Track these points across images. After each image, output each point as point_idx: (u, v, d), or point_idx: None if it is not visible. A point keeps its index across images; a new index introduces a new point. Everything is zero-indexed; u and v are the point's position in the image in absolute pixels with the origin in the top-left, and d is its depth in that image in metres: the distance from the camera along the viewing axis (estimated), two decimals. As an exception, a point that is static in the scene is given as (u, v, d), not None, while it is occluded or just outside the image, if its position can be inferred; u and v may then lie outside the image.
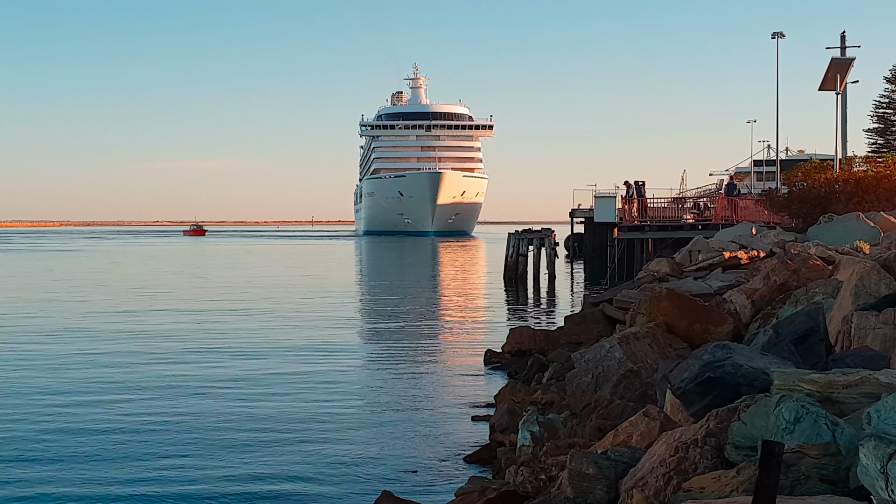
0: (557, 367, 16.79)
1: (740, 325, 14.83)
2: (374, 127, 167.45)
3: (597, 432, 10.47)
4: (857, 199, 31.33)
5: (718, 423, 6.61)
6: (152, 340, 25.03)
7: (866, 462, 5.10)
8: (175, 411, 15.96)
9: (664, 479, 6.41)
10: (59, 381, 18.78)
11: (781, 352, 8.77)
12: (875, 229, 23.33)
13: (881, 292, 11.09)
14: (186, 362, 21.34)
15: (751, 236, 27.86)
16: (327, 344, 24.50)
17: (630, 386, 13.01)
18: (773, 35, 50.28)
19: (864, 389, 6.64)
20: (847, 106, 45.19)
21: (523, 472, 9.19)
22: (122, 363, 21.12)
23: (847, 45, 44.59)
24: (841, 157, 42.20)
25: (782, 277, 16.22)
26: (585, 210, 68.03)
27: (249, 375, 19.57)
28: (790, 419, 6.02)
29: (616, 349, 13.81)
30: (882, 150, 56.72)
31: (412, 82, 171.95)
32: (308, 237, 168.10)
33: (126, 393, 17.60)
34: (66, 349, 23.43)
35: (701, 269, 22.70)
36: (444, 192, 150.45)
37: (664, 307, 14.69)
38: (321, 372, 20.05)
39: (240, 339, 25.51)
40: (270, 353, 22.72)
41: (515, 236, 49.37)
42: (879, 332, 9.56)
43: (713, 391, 7.86)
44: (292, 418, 15.38)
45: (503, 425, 13.13)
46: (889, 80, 58.83)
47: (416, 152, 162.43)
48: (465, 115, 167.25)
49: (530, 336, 21.51)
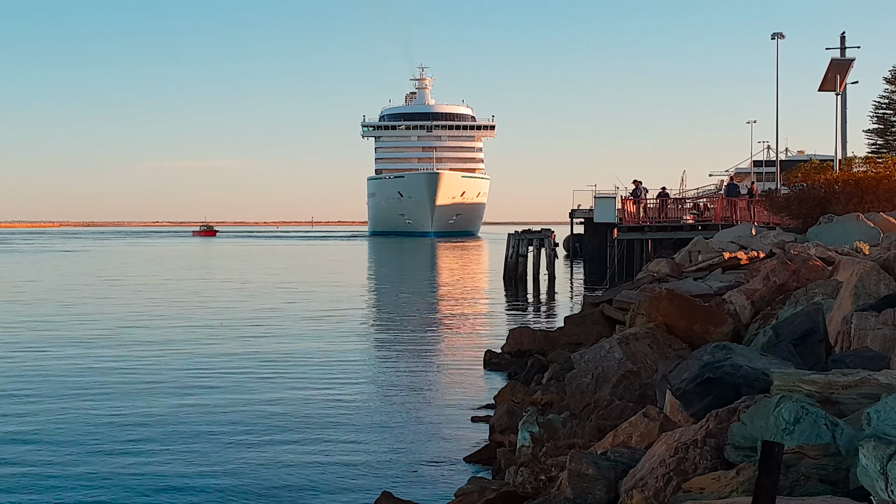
0: (557, 368, 16.79)
1: (740, 326, 14.83)
2: (377, 128, 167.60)
3: (596, 433, 10.47)
4: (857, 200, 31.33)
5: (718, 424, 6.62)
6: (171, 343, 25.08)
7: (866, 463, 5.11)
8: (173, 411, 15.97)
9: (664, 480, 6.41)
10: (106, 381, 18.82)
11: (781, 352, 8.78)
12: (875, 230, 23.34)
13: (881, 293, 11.10)
14: (187, 362, 21.36)
15: (750, 237, 27.86)
16: (327, 344, 24.50)
17: (630, 386, 13.02)
18: (773, 35, 50.30)
19: (863, 390, 6.64)
20: (847, 106, 45.23)
21: (523, 472, 9.19)
22: (133, 360, 21.16)
23: (847, 45, 44.61)
24: (841, 158, 42.21)
25: (782, 278, 16.23)
26: (585, 210, 68.15)
27: (249, 375, 19.58)
28: (790, 420, 6.02)
29: (616, 350, 13.82)
30: (882, 150, 56.75)
31: (418, 83, 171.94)
32: (317, 238, 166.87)
33: (129, 386, 17.62)
34: (104, 353, 23.45)
35: (701, 270, 22.70)
36: (443, 193, 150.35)
37: (664, 308, 14.70)
38: (321, 372, 20.05)
39: (240, 339, 25.52)
40: (270, 354, 22.72)
41: (515, 237, 49.41)
42: (879, 332, 9.56)
43: (713, 392, 7.87)
44: (292, 418, 15.38)
45: (503, 426, 13.13)
46: (889, 81, 58.85)
47: (416, 153, 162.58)
48: (467, 116, 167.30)
49: (530, 336, 21.50)
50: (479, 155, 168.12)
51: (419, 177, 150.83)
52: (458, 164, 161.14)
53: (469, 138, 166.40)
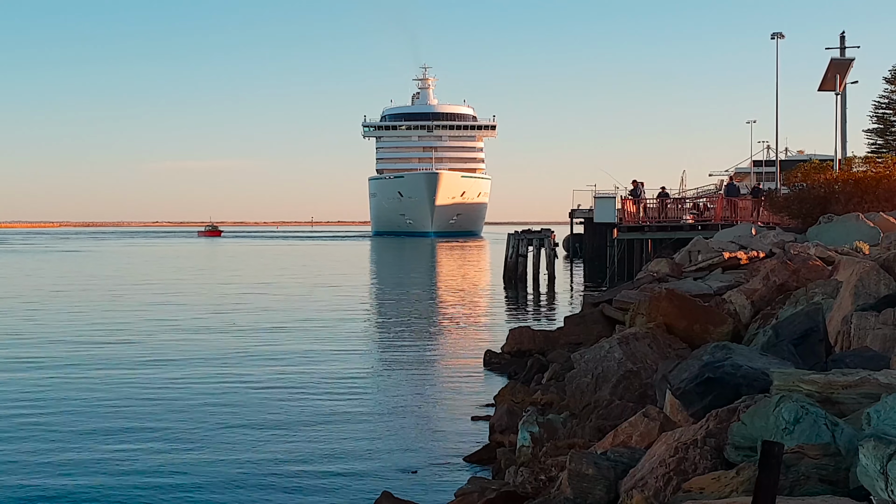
0: (557, 368, 16.79)
1: (740, 326, 14.84)
2: (377, 128, 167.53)
3: (596, 433, 10.47)
4: (857, 200, 31.34)
5: (718, 424, 6.62)
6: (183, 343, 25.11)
7: (866, 462, 5.11)
8: (173, 410, 15.98)
9: (664, 480, 6.41)
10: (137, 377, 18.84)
11: (781, 352, 8.78)
12: (875, 230, 23.34)
13: (881, 293, 11.10)
14: (186, 363, 21.36)
15: (750, 237, 27.86)
16: (327, 344, 24.50)
17: (630, 386, 13.02)
18: (773, 35, 50.27)
19: (863, 390, 6.64)
20: (846, 106, 45.22)
21: (523, 472, 9.19)
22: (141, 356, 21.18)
23: (846, 45, 44.60)
24: (840, 158, 42.21)
25: (782, 278, 16.23)
26: (585, 210, 68.10)
27: (248, 375, 19.58)
28: (790, 419, 6.02)
29: (616, 349, 13.82)
30: (882, 150, 56.73)
31: (421, 83, 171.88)
32: (324, 238, 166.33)
33: (130, 369, 17.64)
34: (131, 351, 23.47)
35: (700, 270, 22.70)
36: (442, 193, 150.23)
37: (664, 307, 14.70)
38: (321, 372, 20.05)
39: (241, 339, 25.52)
40: (270, 354, 22.72)
41: (515, 237, 49.41)
42: (879, 332, 9.56)
43: (713, 391, 7.87)
44: (291, 418, 15.39)
45: (503, 426, 13.13)
46: (889, 81, 58.84)
47: (417, 153, 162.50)
48: (468, 116, 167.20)
49: (530, 336, 21.50)
50: (479, 155, 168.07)
51: (418, 177, 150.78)
52: (459, 165, 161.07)
53: (470, 138, 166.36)
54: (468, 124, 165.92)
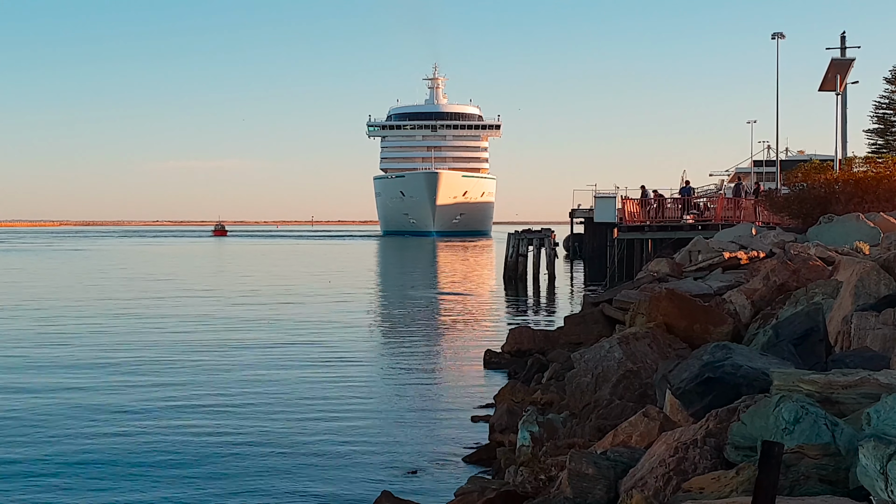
0: (557, 368, 16.79)
1: (740, 326, 14.83)
2: (382, 127, 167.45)
3: (596, 432, 10.47)
4: (857, 200, 31.36)
5: (718, 424, 6.61)
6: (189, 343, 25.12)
7: (866, 462, 5.10)
8: (172, 410, 15.99)
9: (664, 480, 6.41)
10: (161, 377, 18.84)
11: (781, 352, 8.77)
12: (875, 230, 23.34)
13: (881, 293, 11.10)
14: (186, 361, 21.38)
15: (750, 237, 27.86)
16: (327, 344, 24.49)
17: (630, 386, 13.01)
18: (773, 35, 50.28)
19: (863, 390, 6.64)
20: (847, 106, 45.21)
21: (523, 472, 9.19)
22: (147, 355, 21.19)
23: (847, 45, 44.60)
24: (841, 158, 42.21)
25: (782, 278, 16.23)
26: (585, 210, 68.14)
27: (247, 375, 19.58)
28: (790, 419, 6.02)
29: (616, 349, 13.82)
30: (882, 150, 56.78)
31: (430, 82, 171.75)
32: (334, 238, 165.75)
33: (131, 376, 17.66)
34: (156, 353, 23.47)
35: (701, 270, 22.71)
36: (443, 192, 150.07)
37: (664, 307, 14.70)
38: (321, 372, 20.05)
39: (242, 339, 25.53)
40: (270, 355, 22.72)
41: (515, 236, 49.44)
42: (879, 332, 9.56)
43: (713, 391, 7.87)
44: (291, 418, 15.38)
45: (503, 425, 13.13)
46: (889, 81, 58.90)
47: (421, 152, 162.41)
48: (474, 115, 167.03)
49: (530, 336, 21.51)
50: (483, 154, 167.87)
51: (418, 176, 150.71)
52: (462, 164, 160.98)
53: (474, 138, 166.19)
54: (473, 124, 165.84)
